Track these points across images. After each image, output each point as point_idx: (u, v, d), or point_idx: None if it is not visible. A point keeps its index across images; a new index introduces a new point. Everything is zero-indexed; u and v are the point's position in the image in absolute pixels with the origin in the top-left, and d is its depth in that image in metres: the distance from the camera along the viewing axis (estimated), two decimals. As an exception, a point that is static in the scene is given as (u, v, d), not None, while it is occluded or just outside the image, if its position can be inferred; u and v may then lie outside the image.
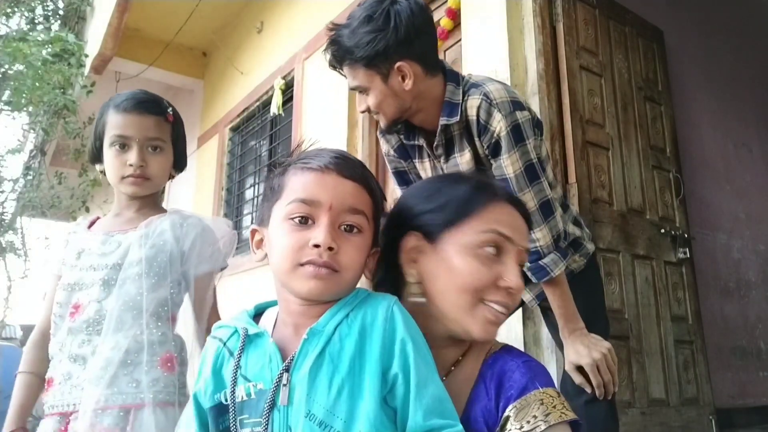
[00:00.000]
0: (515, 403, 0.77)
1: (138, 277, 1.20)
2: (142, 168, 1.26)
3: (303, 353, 0.75)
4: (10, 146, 6.30)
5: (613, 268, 2.51)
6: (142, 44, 5.27)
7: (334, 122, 3.48)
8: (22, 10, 5.84)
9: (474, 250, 0.84)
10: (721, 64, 4.06)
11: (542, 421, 0.74)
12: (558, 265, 1.35)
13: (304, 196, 0.77)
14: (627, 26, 3.00)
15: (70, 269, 1.25)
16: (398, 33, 1.28)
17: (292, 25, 4.25)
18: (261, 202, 0.87)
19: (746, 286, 3.76)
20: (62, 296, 1.23)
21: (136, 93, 1.34)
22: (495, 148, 1.33)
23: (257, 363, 0.77)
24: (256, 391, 0.75)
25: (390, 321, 0.75)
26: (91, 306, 1.19)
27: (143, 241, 1.23)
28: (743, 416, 3.27)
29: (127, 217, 1.31)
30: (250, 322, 0.82)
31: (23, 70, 5.02)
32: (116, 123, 1.27)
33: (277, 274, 0.80)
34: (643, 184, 2.82)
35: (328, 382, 0.72)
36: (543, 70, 2.44)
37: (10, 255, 6.73)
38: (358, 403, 0.71)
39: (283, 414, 0.73)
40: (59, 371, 1.19)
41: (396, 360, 0.73)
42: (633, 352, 2.46)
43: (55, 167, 6.90)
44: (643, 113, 2.95)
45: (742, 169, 4.02)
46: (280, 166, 0.84)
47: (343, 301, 0.79)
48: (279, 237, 0.79)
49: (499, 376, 0.81)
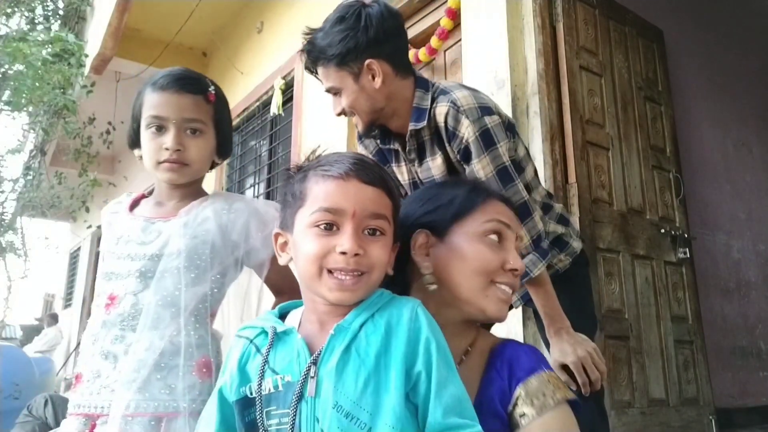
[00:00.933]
0: (525, 383, 0.86)
1: (177, 270, 1.09)
2: (179, 152, 1.13)
3: (330, 348, 0.78)
4: (10, 146, 6.30)
5: (613, 268, 2.51)
6: (142, 44, 5.27)
7: (334, 122, 3.48)
8: (22, 10, 5.84)
9: (481, 238, 0.95)
10: (721, 64, 4.06)
11: (551, 398, 0.85)
12: (537, 266, 1.36)
13: (328, 205, 0.80)
14: (627, 26, 3.00)
15: (109, 256, 1.16)
16: (368, 32, 1.33)
17: (292, 25, 4.25)
18: (282, 206, 0.89)
19: (746, 286, 3.76)
20: (99, 285, 1.15)
21: (175, 69, 1.19)
22: (465, 153, 1.35)
23: (285, 358, 0.81)
24: (283, 384, 0.78)
25: (415, 321, 0.79)
26: (127, 299, 1.10)
27: (184, 230, 1.12)
28: (743, 416, 3.27)
29: (170, 206, 1.19)
30: (278, 321, 0.86)
31: (23, 70, 5.02)
32: (152, 102, 1.14)
33: (304, 279, 0.83)
34: (643, 184, 2.82)
35: (355, 375, 0.75)
36: (543, 70, 2.44)
37: (10, 255, 6.73)
38: (383, 397, 0.74)
39: (311, 405, 0.76)
40: (89, 367, 1.09)
41: (420, 358, 0.76)
42: (633, 352, 2.46)
43: (55, 167, 6.90)
44: (643, 113, 2.96)
45: (742, 169, 4.02)
46: (300, 172, 0.87)
47: (368, 301, 0.82)
48: (305, 243, 0.81)
49: (510, 361, 0.90)
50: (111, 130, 5.90)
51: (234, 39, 5.13)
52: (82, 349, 1.13)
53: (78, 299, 8.98)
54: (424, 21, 3.15)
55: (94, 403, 1.07)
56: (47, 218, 8.27)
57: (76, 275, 9.86)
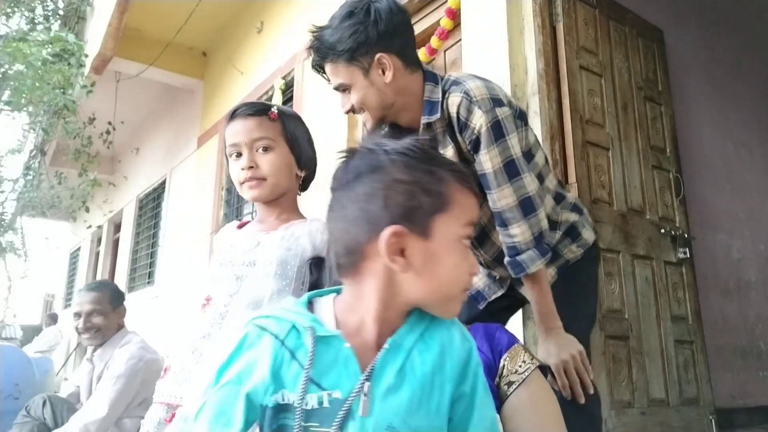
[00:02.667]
0: (506, 354, 0.99)
1: (267, 276, 1.19)
2: (253, 169, 1.24)
3: (383, 363, 0.73)
4: (10, 146, 6.31)
5: (613, 268, 2.51)
6: (142, 44, 5.28)
7: (334, 122, 3.48)
8: (22, 10, 5.84)
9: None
10: (721, 64, 4.06)
11: (530, 363, 0.98)
12: (535, 263, 1.34)
13: (474, 220, 0.77)
14: (627, 26, 3.00)
15: (214, 264, 1.28)
16: (378, 26, 1.33)
17: (292, 25, 4.25)
18: (408, 204, 0.72)
19: (746, 286, 3.76)
20: (201, 288, 1.25)
21: (244, 103, 1.33)
22: (475, 143, 1.35)
23: (329, 369, 0.72)
24: (330, 400, 0.71)
25: (466, 342, 0.78)
26: (221, 299, 1.19)
27: (280, 242, 1.22)
28: (743, 416, 3.27)
29: (270, 223, 1.31)
30: (314, 318, 0.76)
31: (23, 70, 5.02)
32: (228, 133, 1.28)
33: (437, 294, 0.75)
34: (643, 184, 2.82)
35: (410, 395, 0.72)
36: (543, 70, 2.44)
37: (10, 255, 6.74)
38: (433, 419, 0.73)
39: (360, 424, 0.70)
40: (177, 360, 1.19)
41: (468, 380, 0.77)
42: (633, 352, 2.46)
43: (55, 167, 6.91)
44: (643, 113, 2.95)
45: (742, 169, 4.02)
46: (437, 170, 0.74)
47: (414, 318, 0.77)
48: (453, 258, 0.74)
49: (488, 338, 1.01)
50: (111, 130, 5.91)
51: (234, 39, 5.13)
52: (178, 343, 1.23)
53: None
54: (424, 21, 3.15)
55: (176, 393, 1.14)
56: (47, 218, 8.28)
57: (76, 275, 9.86)
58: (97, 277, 8.49)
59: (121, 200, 7.76)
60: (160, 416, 1.15)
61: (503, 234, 1.38)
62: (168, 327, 4.83)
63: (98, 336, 2.45)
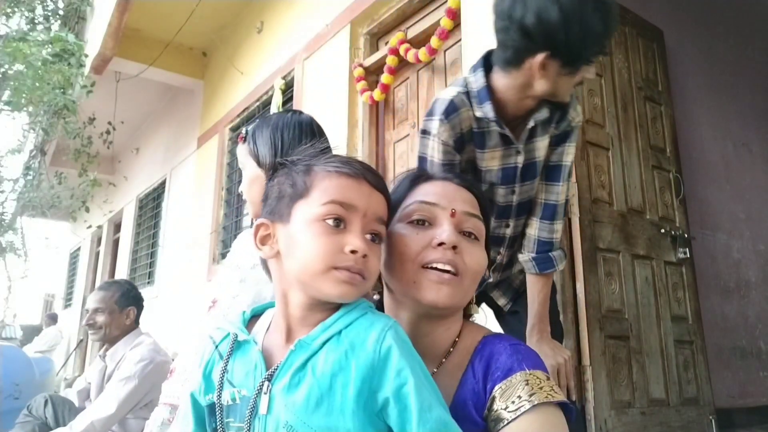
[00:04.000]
0: (501, 384, 0.77)
1: (266, 278, 1.20)
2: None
3: (288, 364, 0.75)
4: (10, 146, 6.31)
5: (613, 268, 2.51)
6: (142, 44, 5.28)
7: (334, 122, 3.48)
8: (22, 10, 5.84)
9: (405, 225, 0.88)
10: (721, 63, 4.06)
11: (527, 401, 0.74)
12: (562, 261, 1.42)
13: (342, 199, 0.77)
14: (627, 26, 3.00)
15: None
16: None
17: (292, 25, 4.25)
18: (276, 196, 0.83)
19: (746, 286, 3.76)
20: (210, 290, 1.29)
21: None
22: (564, 135, 1.39)
23: (242, 370, 0.79)
24: (240, 397, 0.77)
25: (381, 342, 0.73)
26: (224, 300, 1.22)
27: None
28: (743, 416, 3.27)
29: None
30: (242, 327, 0.83)
31: (23, 70, 5.02)
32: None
33: (301, 275, 0.78)
34: (643, 184, 2.82)
35: (307, 395, 0.72)
36: (543, 70, 2.44)
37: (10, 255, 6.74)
38: (337, 420, 0.71)
39: (263, 422, 0.74)
40: (181, 362, 1.23)
41: (389, 384, 0.71)
42: (633, 352, 2.46)
43: (55, 167, 6.91)
44: (643, 113, 2.95)
45: (742, 169, 4.02)
46: (301, 164, 0.83)
47: (340, 314, 0.78)
48: (308, 238, 0.77)
49: (488, 359, 0.81)
50: (111, 130, 5.91)
51: (234, 39, 5.13)
52: (183, 345, 1.29)
53: (78, 299, 8.98)
54: (424, 21, 3.15)
55: (179, 393, 1.18)
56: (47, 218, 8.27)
57: (76, 275, 9.86)
58: (97, 277, 8.49)
59: (121, 200, 7.76)
60: (163, 416, 1.17)
61: (545, 228, 1.42)
62: (167, 327, 4.83)
63: (100, 333, 2.51)
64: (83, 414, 2.26)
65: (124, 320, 2.54)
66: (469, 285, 0.86)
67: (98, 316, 2.50)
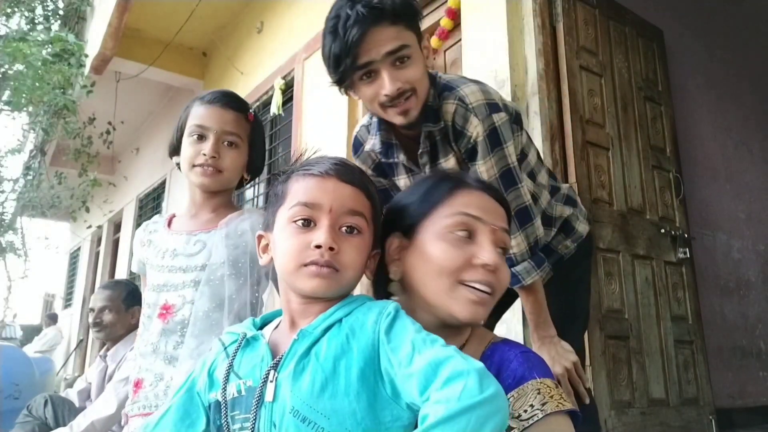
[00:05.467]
0: (512, 393, 0.77)
1: (222, 278, 1.20)
2: (215, 159, 1.24)
3: (292, 352, 0.78)
4: (10, 146, 6.31)
5: (613, 268, 2.51)
6: (142, 44, 5.27)
7: (334, 122, 3.48)
8: (22, 10, 5.84)
9: (444, 235, 0.87)
10: (721, 63, 4.06)
11: (539, 410, 0.74)
12: (531, 274, 1.30)
13: (306, 200, 0.82)
14: (627, 26, 3.00)
15: (157, 270, 1.25)
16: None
17: (292, 25, 4.25)
18: (266, 208, 0.91)
19: (746, 286, 3.76)
20: (151, 297, 1.24)
21: (223, 90, 1.34)
22: (471, 153, 1.27)
23: (250, 363, 0.82)
24: (246, 388, 0.79)
25: (378, 323, 0.76)
26: (185, 307, 1.20)
27: (226, 241, 1.22)
28: (743, 416, 3.27)
29: (206, 217, 1.30)
30: (251, 327, 0.87)
31: (23, 70, 5.02)
32: (197, 114, 1.27)
33: (282, 274, 0.84)
34: (643, 184, 2.82)
35: (312, 379, 0.74)
36: (543, 70, 2.44)
37: (10, 255, 6.74)
38: (343, 402, 0.72)
39: (269, 410, 0.76)
40: (152, 372, 1.19)
41: (389, 344, 0.74)
42: (633, 352, 2.46)
43: (55, 167, 6.90)
44: (643, 113, 2.95)
45: (742, 169, 4.02)
46: (284, 174, 0.89)
47: (339, 305, 0.82)
48: (283, 239, 0.83)
49: (498, 366, 0.81)
50: (111, 130, 5.91)
51: (234, 39, 5.12)
52: (139, 357, 1.23)
53: (78, 299, 8.98)
54: (424, 21, 3.14)
55: (161, 401, 1.15)
56: (47, 218, 8.28)
57: (76, 275, 9.86)
58: (97, 277, 8.49)
59: (121, 200, 7.76)
60: None
61: None
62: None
63: (106, 332, 2.51)
64: (83, 414, 2.26)
65: (130, 319, 2.54)
66: (496, 300, 0.89)
67: (105, 315, 2.50)
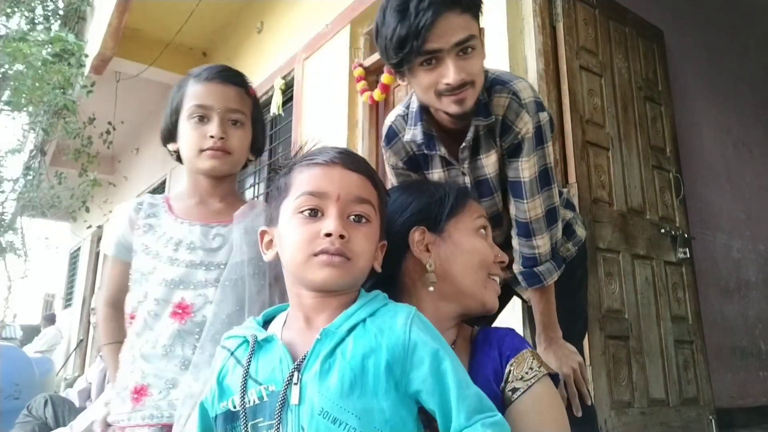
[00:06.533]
0: (513, 360, 0.92)
1: (245, 279, 1.10)
2: (223, 140, 1.13)
3: (315, 353, 0.75)
4: (10, 146, 6.31)
5: (613, 268, 2.51)
6: (142, 44, 5.27)
7: (334, 122, 3.48)
8: (22, 10, 5.84)
9: (476, 233, 1.02)
10: (722, 63, 4.06)
11: (537, 370, 0.90)
12: (552, 275, 1.30)
13: (312, 189, 0.79)
14: (627, 26, 3.00)
15: (167, 263, 1.12)
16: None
17: (292, 25, 4.25)
18: (267, 203, 0.88)
19: (746, 286, 3.76)
20: (160, 292, 1.10)
21: (217, 65, 1.21)
22: (516, 149, 1.26)
23: (267, 366, 0.77)
24: (268, 394, 0.75)
25: (410, 326, 0.76)
26: (207, 308, 1.09)
27: (246, 237, 1.11)
28: (743, 416, 3.27)
29: (215, 207, 1.18)
30: (259, 328, 0.83)
31: (23, 70, 5.02)
32: (196, 93, 1.15)
33: (291, 268, 0.81)
34: (643, 184, 2.82)
35: (340, 378, 0.72)
36: (543, 70, 2.44)
37: (10, 255, 6.74)
38: (371, 401, 0.72)
39: (295, 413, 0.73)
40: (162, 378, 1.07)
41: (426, 364, 0.74)
42: (633, 352, 2.46)
43: (55, 167, 6.90)
44: (643, 113, 2.95)
45: (742, 169, 4.02)
46: (285, 167, 0.86)
47: (360, 303, 0.79)
48: (290, 231, 0.80)
49: (498, 344, 0.95)
50: (111, 130, 5.90)
51: (234, 39, 5.12)
52: (142, 360, 1.10)
53: (78, 299, 8.98)
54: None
55: (174, 413, 1.03)
56: (47, 218, 8.28)
57: (76, 275, 9.85)
58: (97, 277, 8.48)
59: (121, 200, 7.73)
60: None
61: (524, 244, 1.31)
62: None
63: None
64: (83, 414, 2.26)
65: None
66: None
67: None
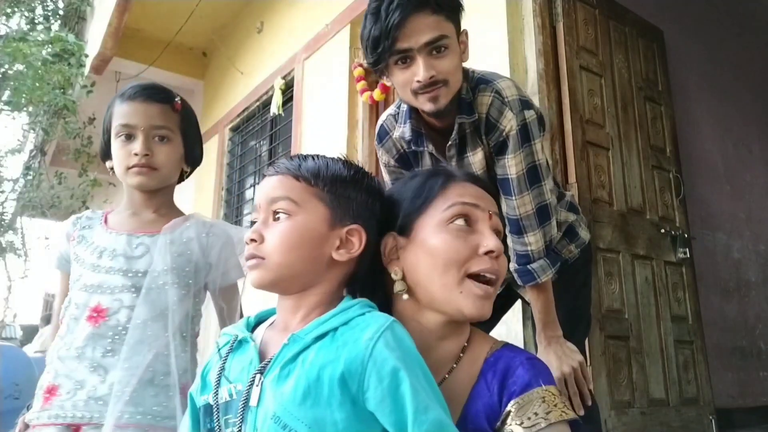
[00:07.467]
0: (517, 399, 0.77)
1: (166, 286, 1.14)
2: (148, 157, 1.18)
3: (280, 357, 0.76)
4: (10, 146, 6.31)
5: (613, 268, 2.51)
6: (142, 44, 5.27)
7: (334, 122, 3.48)
8: (22, 10, 5.84)
9: (445, 227, 0.85)
10: (721, 63, 4.06)
11: (543, 418, 0.74)
12: (546, 272, 1.31)
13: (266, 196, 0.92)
14: (627, 26, 2.99)
15: (90, 269, 1.17)
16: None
17: (292, 25, 4.25)
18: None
19: (746, 286, 3.76)
20: (80, 297, 1.16)
21: (142, 83, 1.27)
22: (501, 146, 1.28)
23: (239, 365, 0.80)
24: (236, 392, 0.78)
25: (376, 341, 0.72)
26: (122, 312, 1.13)
27: (170, 247, 1.16)
28: (743, 416, 3.27)
29: (147, 218, 1.24)
30: (243, 329, 0.85)
31: (23, 70, 5.02)
32: (121, 112, 1.20)
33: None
34: (643, 184, 2.82)
35: (294, 386, 0.72)
36: (543, 70, 2.44)
37: (10, 255, 6.74)
38: (324, 412, 0.71)
39: (254, 415, 0.74)
40: (72, 379, 1.11)
41: (383, 383, 0.70)
42: (633, 352, 2.46)
43: (55, 167, 6.90)
44: (643, 113, 2.95)
45: (742, 169, 4.02)
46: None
47: (336, 311, 0.79)
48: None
49: (503, 372, 0.80)
50: (111, 130, 5.90)
51: (234, 39, 5.12)
52: (58, 361, 1.14)
53: (78, 299, 8.97)
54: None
55: (80, 413, 1.09)
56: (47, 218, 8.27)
57: (76, 275, 9.85)
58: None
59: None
60: None
61: (516, 241, 1.32)
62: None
63: None
64: None
65: None
66: (498, 289, 0.88)
67: None
